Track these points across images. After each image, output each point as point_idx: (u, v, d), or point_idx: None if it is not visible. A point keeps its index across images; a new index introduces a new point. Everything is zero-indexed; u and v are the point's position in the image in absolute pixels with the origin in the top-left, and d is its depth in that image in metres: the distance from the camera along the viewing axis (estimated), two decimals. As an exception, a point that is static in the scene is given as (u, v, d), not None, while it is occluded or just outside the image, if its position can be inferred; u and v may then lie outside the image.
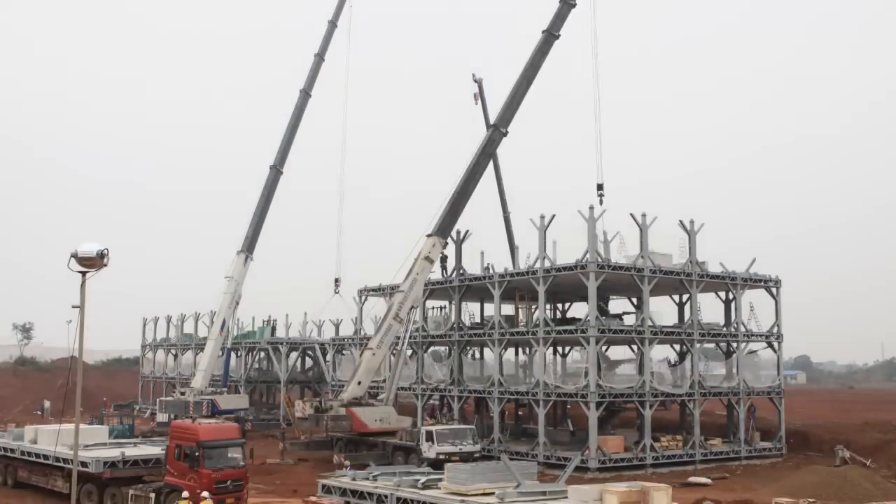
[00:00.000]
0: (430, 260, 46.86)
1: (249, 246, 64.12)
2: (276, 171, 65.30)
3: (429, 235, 46.70)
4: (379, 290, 56.15)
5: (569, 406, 54.55)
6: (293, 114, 66.11)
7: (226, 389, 65.92)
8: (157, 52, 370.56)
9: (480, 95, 70.63)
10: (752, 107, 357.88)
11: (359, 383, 46.26)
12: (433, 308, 57.49)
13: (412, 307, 47.08)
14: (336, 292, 60.44)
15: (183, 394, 63.59)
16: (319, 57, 66.56)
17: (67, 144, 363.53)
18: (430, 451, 39.68)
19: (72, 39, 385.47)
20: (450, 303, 52.71)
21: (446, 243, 48.18)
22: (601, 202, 44.60)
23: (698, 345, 47.39)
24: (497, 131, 47.73)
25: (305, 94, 66.03)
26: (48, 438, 33.26)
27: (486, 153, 48.35)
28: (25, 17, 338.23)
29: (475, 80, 70.90)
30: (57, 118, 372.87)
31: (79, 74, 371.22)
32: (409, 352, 56.40)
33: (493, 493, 24.44)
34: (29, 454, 34.36)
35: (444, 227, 47.01)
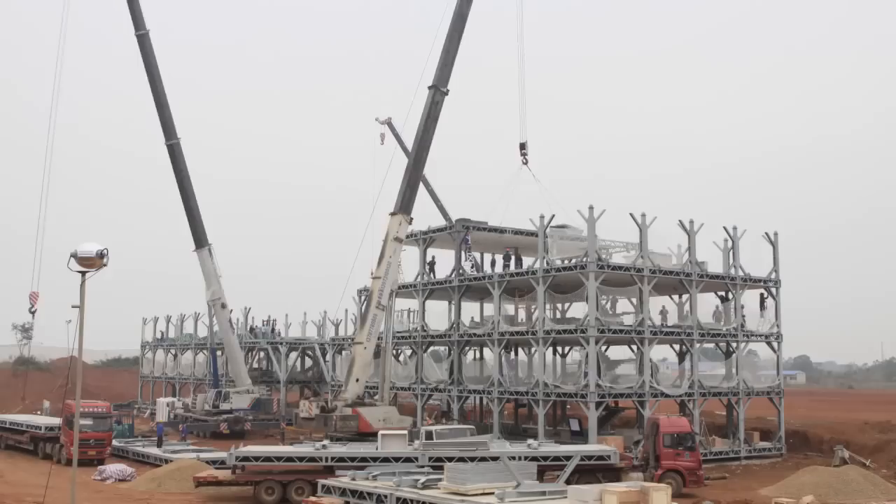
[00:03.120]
0: (399, 240, 46.26)
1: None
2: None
3: (392, 214, 46.07)
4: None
5: (568, 406, 54.55)
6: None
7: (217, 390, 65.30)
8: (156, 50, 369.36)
9: (392, 132, 67.64)
10: (752, 104, 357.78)
11: (356, 381, 45.91)
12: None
13: (392, 292, 46.36)
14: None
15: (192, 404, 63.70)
16: None
17: (67, 143, 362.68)
18: (429, 450, 39.50)
19: (71, 35, 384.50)
20: (450, 303, 52.66)
21: (411, 219, 47.05)
22: (525, 162, 47.54)
23: (698, 345, 47.41)
24: (438, 92, 46.29)
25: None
26: None
27: (432, 118, 46.52)
28: (27, 11, 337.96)
29: (381, 122, 68.20)
30: (57, 117, 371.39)
31: (77, 72, 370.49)
32: (409, 351, 56.45)
33: (492, 493, 24.47)
34: None
35: (406, 203, 46.25)
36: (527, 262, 51.65)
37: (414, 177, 46.68)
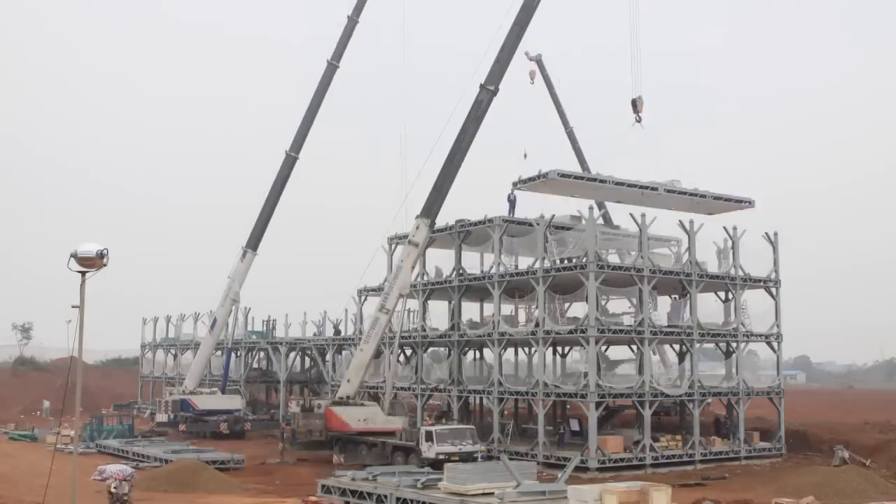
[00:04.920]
0: (414, 244, 45.24)
1: (251, 241, 63.09)
2: (292, 157, 60.95)
3: (417, 216, 45.42)
4: (379, 290, 55.88)
5: (568, 406, 54.52)
6: (317, 90, 59.41)
7: (215, 390, 65.17)
8: (158, 53, 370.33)
9: (541, 72, 64.52)
10: (751, 99, 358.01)
11: (348, 381, 45.89)
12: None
13: (400, 296, 45.87)
14: None
15: (172, 394, 63.51)
16: (353, 19, 57.94)
17: (68, 144, 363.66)
18: (429, 451, 39.62)
19: (75, 40, 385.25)
20: (449, 303, 52.57)
21: (433, 223, 45.74)
22: (638, 120, 44.45)
23: (698, 345, 47.38)
24: (484, 90, 43.89)
25: (333, 65, 58.98)
26: None
27: (473, 118, 43.92)
28: (32, 16, 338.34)
29: (531, 59, 63.52)
30: (58, 118, 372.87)
31: (80, 75, 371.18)
32: (409, 351, 56.35)
33: (492, 493, 24.50)
34: None
35: (430, 206, 44.84)
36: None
37: (442, 180, 44.41)
